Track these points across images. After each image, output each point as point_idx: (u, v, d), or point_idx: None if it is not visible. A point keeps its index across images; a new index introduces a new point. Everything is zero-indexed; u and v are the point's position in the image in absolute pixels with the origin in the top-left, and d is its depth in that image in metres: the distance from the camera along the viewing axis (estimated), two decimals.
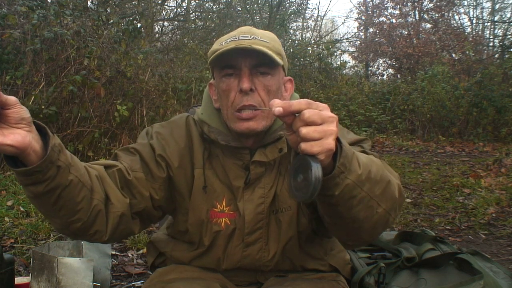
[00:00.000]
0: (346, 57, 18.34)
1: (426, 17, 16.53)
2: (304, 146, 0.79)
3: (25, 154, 0.86)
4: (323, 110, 0.81)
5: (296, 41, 15.14)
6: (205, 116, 1.22)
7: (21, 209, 3.44)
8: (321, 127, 0.79)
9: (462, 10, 19.19)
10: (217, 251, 1.22)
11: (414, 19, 16.30)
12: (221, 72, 1.15)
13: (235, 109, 1.13)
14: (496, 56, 12.38)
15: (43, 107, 4.53)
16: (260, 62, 1.11)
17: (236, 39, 1.12)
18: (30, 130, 0.87)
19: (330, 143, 0.80)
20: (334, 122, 0.81)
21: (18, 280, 2.06)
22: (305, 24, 18.68)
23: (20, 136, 0.84)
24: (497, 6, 16.23)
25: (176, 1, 12.71)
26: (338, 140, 0.86)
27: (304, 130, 0.78)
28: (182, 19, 11.93)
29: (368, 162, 0.94)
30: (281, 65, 1.14)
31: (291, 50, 12.28)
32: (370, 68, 17.27)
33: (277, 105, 0.80)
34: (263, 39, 1.13)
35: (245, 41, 1.11)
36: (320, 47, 13.98)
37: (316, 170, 0.78)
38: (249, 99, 1.11)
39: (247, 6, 14.74)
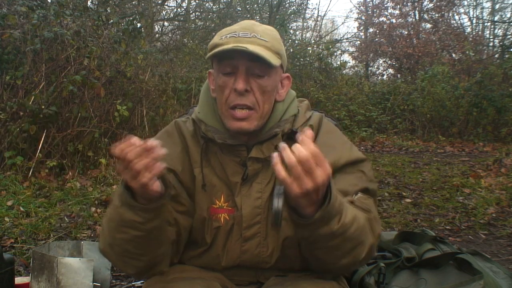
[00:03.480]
0: (346, 57, 18.33)
1: (426, 17, 16.54)
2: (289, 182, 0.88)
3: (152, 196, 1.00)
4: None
5: (296, 41, 15.15)
6: (202, 115, 1.24)
7: (21, 209, 3.44)
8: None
9: (462, 10, 19.19)
10: (217, 248, 1.22)
11: (414, 19, 16.30)
12: (220, 66, 1.16)
13: (229, 106, 1.14)
14: (496, 56, 12.37)
15: (43, 107, 4.53)
16: (257, 64, 1.12)
17: (236, 35, 1.13)
18: None
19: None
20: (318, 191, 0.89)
21: (18, 280, 2.06)
22: (305, 24, 18.70)
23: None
24: (497, 6, 16.25)
25: (176, 1, 12.73)
26: (330, 191, 0.93)
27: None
28: (182, 19, 11.94)
29: (350, 222, 0.99)
30: (279, 65, 1.15)
31: (291, 50, 12.28)
32: (370, 68, 17.27)
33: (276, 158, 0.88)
34: (263, 38, 1.13)
35: (244, 39, 1.11)
36: (320, 47, 13.99)
37: (276, 204, 0.90)
38: (244, 99, 1.13)
39: (247, 6, 14.75)
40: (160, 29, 11.77)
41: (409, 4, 16.20)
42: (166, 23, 12.32)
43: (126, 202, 1.01)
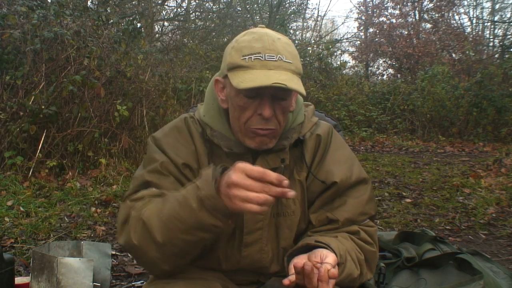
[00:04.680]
0: (346, 57, 18.36)
1: (426, 17, 16.54)
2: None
3: None
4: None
5: (296, 41, 15.14)
6: (207, 119, 1.22)
7: (21, 209, 3.44)
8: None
9: (462, 10, 19.22)
10: (217, 251, 1.22)
11: (414, 19, 16.30)
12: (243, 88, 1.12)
13: (249, 126, 1.14)
14: (496, 56, 12.38)
15: (43, 107, 4.53)
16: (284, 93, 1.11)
17: (262, 57, 1.09)
18: None
19: None
20: None
21: (18, 280, 2.06)
22: (305, 24, 18.71)
23: None
24: (497, 6, 16.25)
25: (176, 1, 12.73)
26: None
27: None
28: (182, 19, 11.94)
29: (344, 277, 1.09)
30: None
31: None
32: (370, 68, 17.27)
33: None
34: (288, 60, 1.10)
35: (270, 63, 1.08)
36: (320, 47, 14.00)
37: None
38: (269, 124, 1.13)
39: (247, 6, 14.75)
40: (160, 29, 11.77)
41: (409, 4, 16.20)
42: (166, 23, 12.32)
43: (214, 208, 0.98)
